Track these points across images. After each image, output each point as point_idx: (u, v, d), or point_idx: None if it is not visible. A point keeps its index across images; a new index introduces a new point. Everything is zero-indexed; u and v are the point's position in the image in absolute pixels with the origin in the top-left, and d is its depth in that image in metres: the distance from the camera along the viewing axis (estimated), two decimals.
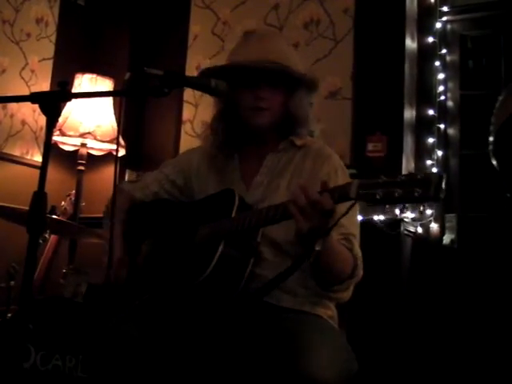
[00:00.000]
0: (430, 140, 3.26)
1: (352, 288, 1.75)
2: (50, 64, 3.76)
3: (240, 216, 1.67)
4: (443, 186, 1.27)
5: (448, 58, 3.36)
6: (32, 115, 3.63)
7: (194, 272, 1.64)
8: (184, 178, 1.98)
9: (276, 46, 1.89)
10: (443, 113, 3.31)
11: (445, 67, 3.34)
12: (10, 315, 2.74)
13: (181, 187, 1.99)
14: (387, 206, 1.40)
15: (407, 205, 2.77)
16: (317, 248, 1.46)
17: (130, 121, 3.76)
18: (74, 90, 3.45)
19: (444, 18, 3.37)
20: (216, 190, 1.86)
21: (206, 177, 1.95)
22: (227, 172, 1.92)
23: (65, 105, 3.45)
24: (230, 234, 1.66)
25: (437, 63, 3.32)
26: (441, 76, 3.32)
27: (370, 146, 3.16)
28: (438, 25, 3.35)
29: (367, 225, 2.98)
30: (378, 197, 1.33)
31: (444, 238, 3.17)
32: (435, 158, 3.24)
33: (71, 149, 3.59)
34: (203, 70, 1.92)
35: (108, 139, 3.49)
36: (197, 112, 3.69)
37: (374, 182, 1.35)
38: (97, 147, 3.59)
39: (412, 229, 3.11)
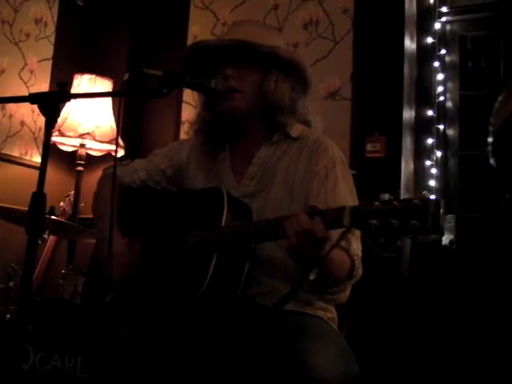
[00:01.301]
0: (430, 140, 3.25)
1: (349, 288, 1.72)
2: (49, 64, 3.75)
3: (231, 227, 1.62)
4: (441, 214, 1.22)
5: (447, 59, 3.36)
6: (31, 116, 3.63)
7: (190, 287, 1.61)
8: (173, 168, 1.96)
9: (245, 28, 1.87)
10: (442, 113, 3.30)
11: (444, 68, 3.34)
12: (8, 316, 2.74)
13: (170, 177, 1.96)
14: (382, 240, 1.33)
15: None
16: (311, 278, 1.42)
17: (129, 121, 3.75)
18: (73, 91, 3.45)
19: (443, 19, 3.36)
20: (205, 180, 1.84)
21: (196, 167, 1.93)
22: (217, 163, 1.89)
23: (64, 105, 3.45)
24: (221, 245, 1.62)
25: (436, 64, 3.32)
26: (440, 76, 3.32)
27: (368, 147, 3.15)
28: (438, 25, 3.35)
29: None
30: (373, 226, 1.28)
31: (443, 238, 3.16)
32: (434, 158, 3.23)
33: (70, 149, 3.59)
34: (184, 62, 1.91)
35: (107, 140, 3.49)
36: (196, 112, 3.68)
37: (367, 209, 1.30)
38: (96, 148, 3.58)
39: None
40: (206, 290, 1.58)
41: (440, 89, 3.31)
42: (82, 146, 3.47)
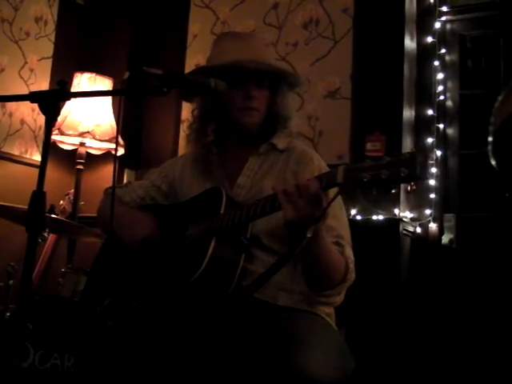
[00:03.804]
0: (429, 140, 3.25)
1: (344, 292, 1.75)
2: (49, 63, 3.75)
3: (229, 211, 1.69)
4: (429, 163, 1.27)
5: (447, 58, 3.36)
6: (31, 114, 3.63)
7: (187, 271, 1.65)
8: (168, 184, 2.02)
9: (257, 46, 1.93)
10: (442, 112, 3.31)
11: (444, 67, 3.34)
12: (8, 314, 2.74)
13: (165, 192, 2.03)
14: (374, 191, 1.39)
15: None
16: (308, 235, 1.45)
17: (129, 120, 3.75)
18: (73, 89, 3.45)
19: (443, 18, 3.36)
20: (200, 190, 1.87)
21: (189, 179, 1.98)
22: (211, 172, 1.93)
23: (64, 104, 3.45)
24: (220, 231, 1.67)
25: (436, 63, 3.32)
26: (440, 76, 3.32)
27: (368, 146, 3.15)
28: (438, 25, 3.35)
29: (366, 224, 2.99)
30: (365, 180, 1.34)
31: (443, 237, 3.16)
32: (434, 157, 3.23)
33: (70, 148, 3.59)
34: (195, 70, 1.96)
35: (107, 138, 3.49)
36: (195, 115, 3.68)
37: (359, 165, 1.36)
38: (96, 146, 3.59)
39: (411, 228, 3.11)
40: (202, 274, 1.61)
41: (440, 88, 3.31)
42: (82, 144, 3.47)
